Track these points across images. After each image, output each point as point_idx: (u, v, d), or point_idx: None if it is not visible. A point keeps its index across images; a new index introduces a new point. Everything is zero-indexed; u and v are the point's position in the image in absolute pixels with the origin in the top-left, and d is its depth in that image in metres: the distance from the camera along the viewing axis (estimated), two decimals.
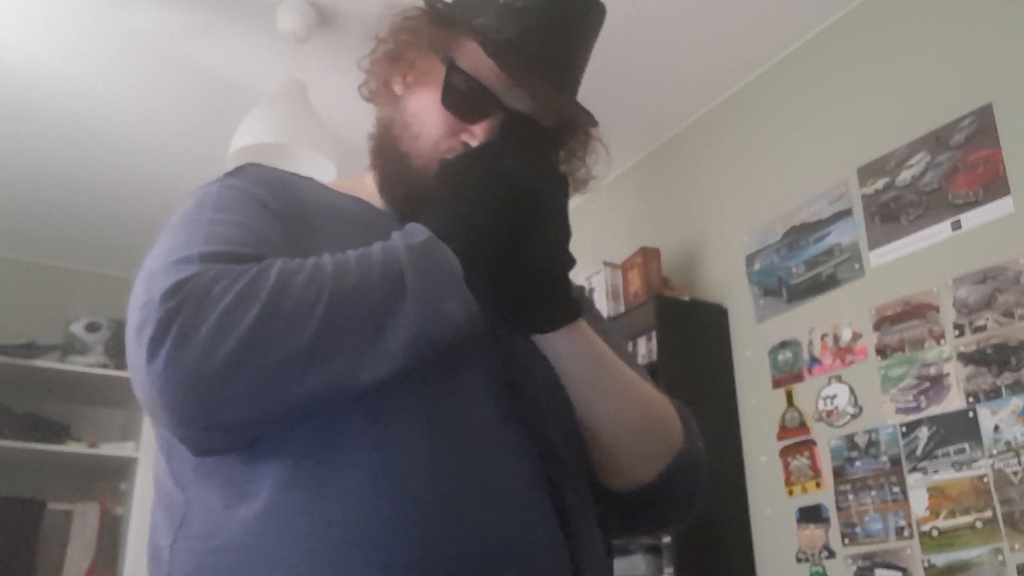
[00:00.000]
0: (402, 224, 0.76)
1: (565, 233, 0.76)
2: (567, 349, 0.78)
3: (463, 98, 0.83)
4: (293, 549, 0.65)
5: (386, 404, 0.70)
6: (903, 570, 2.13)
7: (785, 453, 2.51)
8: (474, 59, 0.83)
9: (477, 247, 0.72)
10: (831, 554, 2.32)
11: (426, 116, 0.85)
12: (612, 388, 0.81)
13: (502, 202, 0.72)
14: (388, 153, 0.88)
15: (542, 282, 0.75)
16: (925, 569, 2.07)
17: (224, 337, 0.64)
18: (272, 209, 0.80)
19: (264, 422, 0.68)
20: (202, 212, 0.78)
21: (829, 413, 2.41)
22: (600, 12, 0.93)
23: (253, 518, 0.67)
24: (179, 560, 0.70)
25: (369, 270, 0.70)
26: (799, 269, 2.59)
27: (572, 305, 0.77)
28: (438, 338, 0.70)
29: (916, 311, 2.22)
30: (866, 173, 2.44)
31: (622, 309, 2.94)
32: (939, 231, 2.21)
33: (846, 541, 2.29)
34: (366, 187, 0.92)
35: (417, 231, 0.73)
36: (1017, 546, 1.91)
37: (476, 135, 0.82)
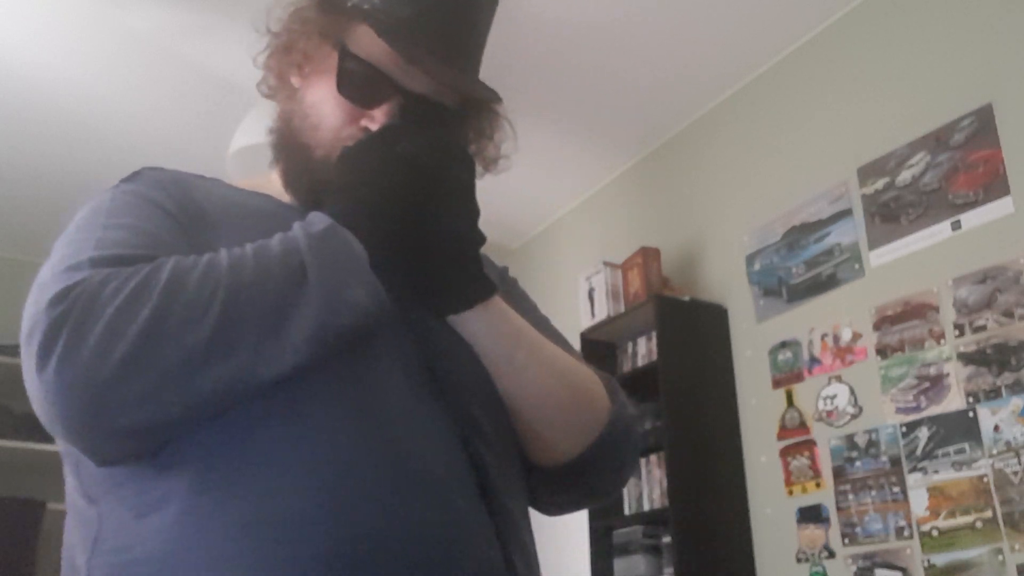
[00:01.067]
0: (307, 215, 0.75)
1: (471, 210, 0.75)
2: (482, 327, 0.77)
3: (359, 83, 0.81)
4: (209, 554, 0.63)
5: (297, 396, 0.68)
6: (903, 570, 2.13)
7: (785, 453, 2.51)
8: (367, 43, 0.81)
9: (380, 230, 0.71)
10: (831, 554, 2.32)
11: (324, 105, 0.83)
12: (531, 364, 0.80)
13: (402, 183, 0.72)
14: (289, 146, 0.86)
15: (450, 261, 0.74)
16: (925, 569, 2.07)
17: (116, 339, 0.62)
18: (168, 211, 0.78)
19: (165, 424, 0.65)
20: (95, 219, 0.76)
21: (829, 413, 2.41)
22: None
23: (167, 527, 0.65)
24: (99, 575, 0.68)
25: (268, 262, 0.68)
26: (799, 269, 2.59)
27: (483, 283, 0.77)
28: (344, 326, 0.68)
29: (916, 311, 2.22)
30: (866, 173, 2.44)
31: (622, 309, 2.94)
32: (939, 231, 2.21)
33: (846, 541, 2.29)
34: (271, 184, 0.90)
35: (318, 219, 0.72)
36: (1017, 546, 1.91)
37: (376, 119, 0.80)
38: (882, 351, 2.29)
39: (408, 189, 0.72)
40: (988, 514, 1.97)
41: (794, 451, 2.48)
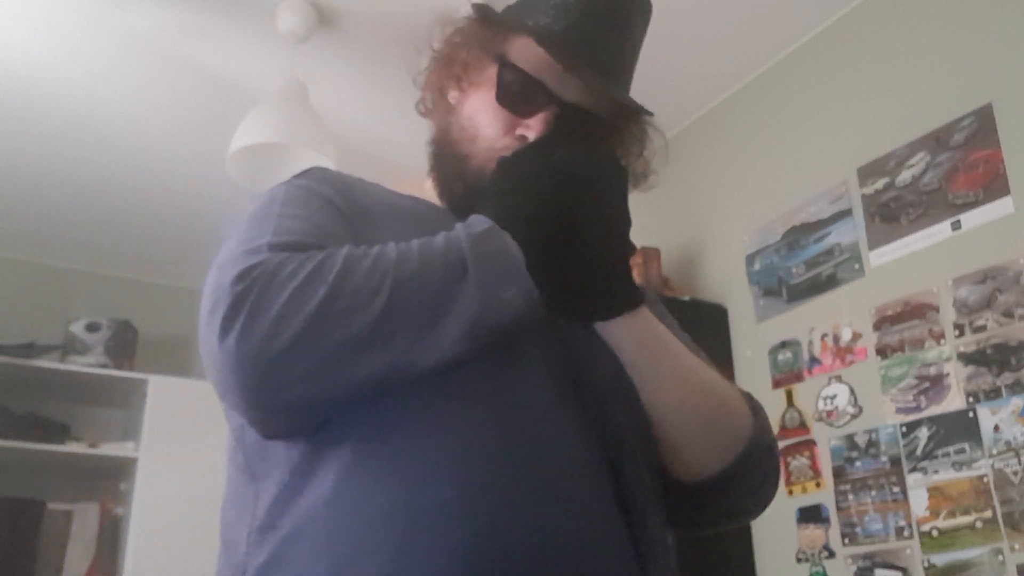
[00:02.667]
0: (461, 220, 0.77)
1: (623, 221, 0.76)
2: (628, 336, 0.78)
3: (517, 93, 0.85)
4: (357, 535, 0.67)
5: (449, 390, 0.71)
6: (903, 570, 2.13)
7: (785, 453, 2.51)
8: (525, 54, 0.84)
9: (535, 236, 0.73)
10: (831, 554, 2.32)
11: (481, 116, 0.86)
12: (674, 375, 0.80)
13: (557, 192, 0.73)
14: (446, 157, 0.89)
15: (600, 270, 0.75)
16: (925, 569, 2.07)
17: (292, 317, 0.67)
18: (336, 205, 0.82)
19: (326, 401, 0.70)
20: (270, 208, 0.81)
21: (829, 413, 2.41)
22: (646, 7, 0.94)
23: (320, 505, 0.69)
24: (254, 551, 0.72)
25: (431, 257, 0.72)
26: (799, 269, 2.59)
27: (631, 292, 0.78)
28: (498, 324, 0.71)
29: (916, 311, 2.23)
30: (866, 173, 2.44)
31: None
32: (939, 231, 2.21)
33: (846, 541, 2.29)
34: (425, 191, 0.93)
35: (478, 221, 0.75)
36: (1017, 546, 1.91)
37: (532, 128, 0.83)
38: (882, 351, 2.29)
39: (562, 198, 0.74)
40: (988, 514, 1.97)
41: (794, 451, 2.48)
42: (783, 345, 2.59)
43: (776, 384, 2.58)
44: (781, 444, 2.52)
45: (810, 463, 2.43)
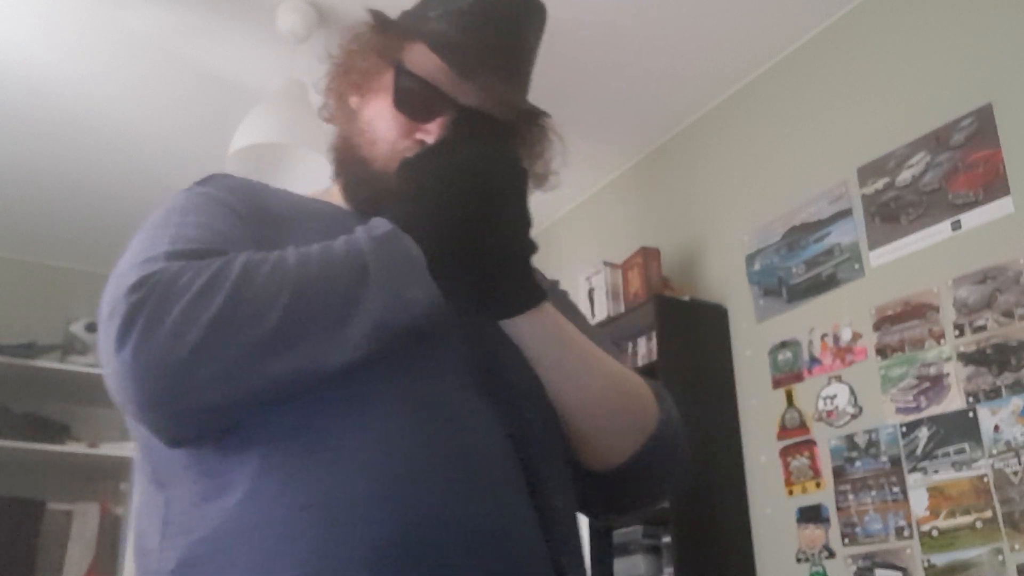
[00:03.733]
0: (367, 221, 0.77)
1: (525, 219, 0.77)
2: (532, 332, 0.79)
3: (414, 98, 0.86)
4: (272, 533, 0.67)
5: (358, 387, 0.72)
6: (903, 570, 2.13)
7: (785, 453, 2.51)
8: (422, 60, 0.85)
9: (438, 237, 0.74)
10: (831, 554, 2.32)
11: (380, 121, 0.87)
12: (580, 369, 0.82)
13: (460, 192, 0.74)
14: (349, 161, 0.90)
15: (503, 268, 0.76)
16: (925, 569, 2.07)
17: (191, 324, 0.66)
18: (237, 212, 0.82)
19: (232, 406, 0.70)
20: (169, 217, 0.80)
21: (829, 413, 2.41)
22: (541, 11, 0.94)
23: (232, 507, 0.69)
24: (166, 557, 0.71)
25: (332, 261, 0.72)
26: (799, 269, 2.59)
27: (532, 290, 0.79)
28: (401, 324, 0.72)
29: (916, 311, 2.22)
30: (866, 173, 2.44)
31: (622, 309, 2.94)
32: (939, 231, 2.21)
33: (846, 541, 2.29)
34: (333, 195, 0.94)
35: (380, 224, 0.75)
36: (1017, 546, 1.91)
37: (430, 132, 0.84)
38: (882, 351, 2.29)
39: (465, 198, 0.74)
40: (988, 514, 1.97)
41: (794, 451, 2.48)
42: (783, 345, 2.59)
43: (776, 384, 2.58)
44: (781, 444, 2.52)
45: (810, 463, 2.43)
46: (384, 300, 0.71)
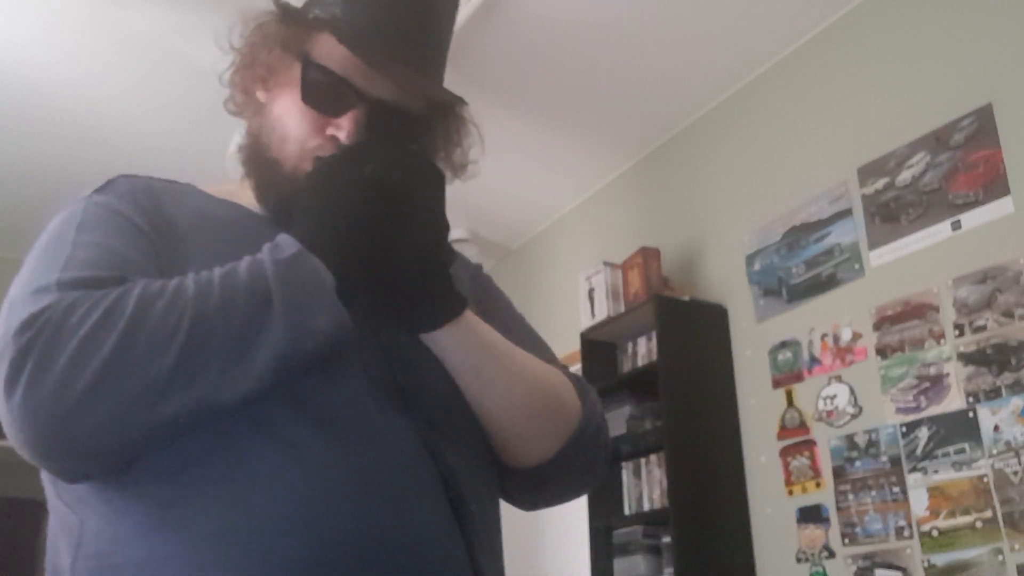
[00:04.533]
0: (278, 227, 0.75)
1: (439, 229, 0.75)
2: (450, 344, 0.78)
3: (323, 92, 0.82)
4: (184, 561, 0.65)
5: (263, 411, 0.70)
6: (903, 570, 2.13)
7: (785, 453, 2.51)
8: (330, 52, 0.81)
9: (346, 254, 0.71)
10: (831, 554, 2.32)
11: (289, 117, 0.83)
12: (499, 377, 0.80)
13: (367, 206, 0.71)
14: (258, 161, 0.86)
15: (417, 282, 0.74)
16: (925, 569, 2.07)
17: (81, 369, 0.63)
18: (137, 224, 0.79)
19: (128, 448, 0.67)
20: (65, 234, 0.77)
21: (829, 413, 2.41)
22: None
23: (144, 534, 0.67)
24: None
25: (233, 289, 0.69)
26: (799, 269, 2.59)
27: (451, 302, 0.77)
28: (307, 353, 0.70)
29: (916, 311, 2.22)
30: (866, 173, 2.44)
31: (622, 309, 2.94)
32: (939, 231, 2.21)
33: (846, 541, 2.29)
34: (244, 191, 0.90)
35: (286, 244, 0.72)
36: (1017, 546, 1.91)
37: (342, 127, 0.80)
38: (882, 351, 2.29)
39: (373, 212, 0.71)
40: (988, 514, 1.97)
41: (794, 451, 2.48)
42: (783, 345, 2.59)
43: (776, 384, 2.58)
44: (781, 444, 2.52)
45: (810, 463, 2.43)
46: (287, 331, 0.68)
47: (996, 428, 1.99)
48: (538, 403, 0.82)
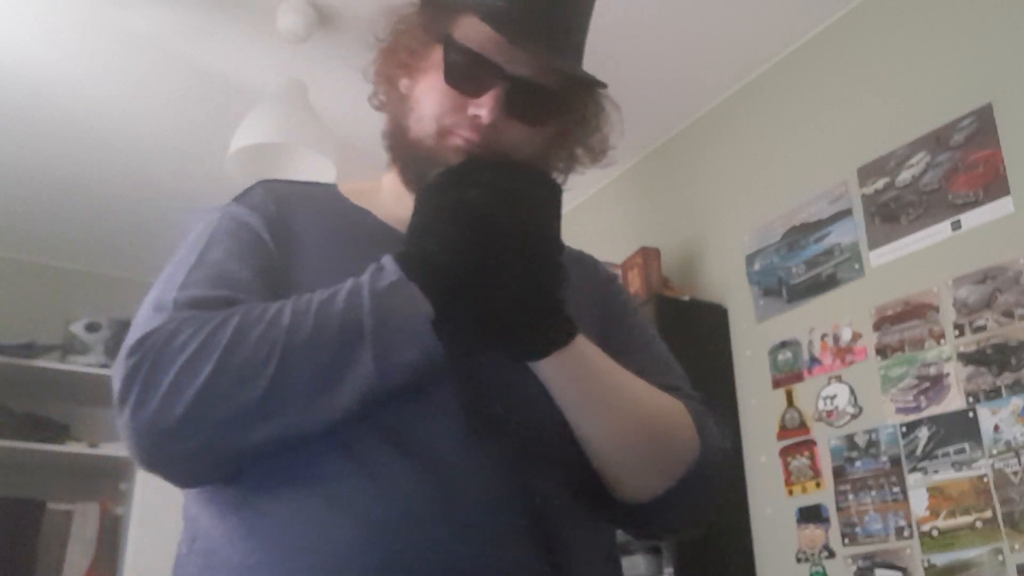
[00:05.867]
0: (400, 240, 0.75)
1: (549, 254, 0.73)
2: (556, 373, 0.76)
3: (464, 72, 0.82)
4: (269, 571, 0.69)
5: (352, 430, 0.72)
6: (903, 570, 2.13)
7: (785, 453, 2.51)
8: (471, 32, 0.82)
9: (445, 285, 0.71)
10: (831, 554, 2.32)
11: (428, 97, 0.84)
12: (605, 410, 0.78)
13: (467, 238, 0.70)
14: (400, 145, 0.88)
15: (522, 312, 0.72)
16: (925, 569, 2.07)
17: (178, 395, 0.69)
18: (263, 238, 0.83)
19: (221, 468, 0.73)
20: (194, 247, 0.83)
21: (829, 413, 2.41)
22: None
23: (240, 539, 0.72)
24: (190, 572, 0.76)
25: (328, 319, 0.71)
26: (799, 269, 2.59)
27: (559, 330, 0.75)
28: (395, 388, 0.71)
29: (916, 311, 2.22)
30: (866, 173, 2.44)
31: None
32: (939, 231, 2.21)
33: (846, 541, 2.29)
34: (382, 191, 0.92)
35: (388, 270, 0.73)
36: (1017, 546, 1.91)
37: (483, 105, 0.80)
38: (882, 351, 2.29)
39: (474, 243, 0.70)
40: (988, 514, 1.97)
41: (794, 451, 2.48)
42: (783, 345, 2.59)
43: (776, 384, 2.58)
44: (781, 444, 2.52)
45: (810, 463, 2.43)
46: (377, 367, 0.70)
47: (996, 428, 1.99)
48: (646, 440, 0.80)
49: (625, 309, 0.97)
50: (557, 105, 0.85)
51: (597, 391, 0.78)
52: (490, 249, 0.70)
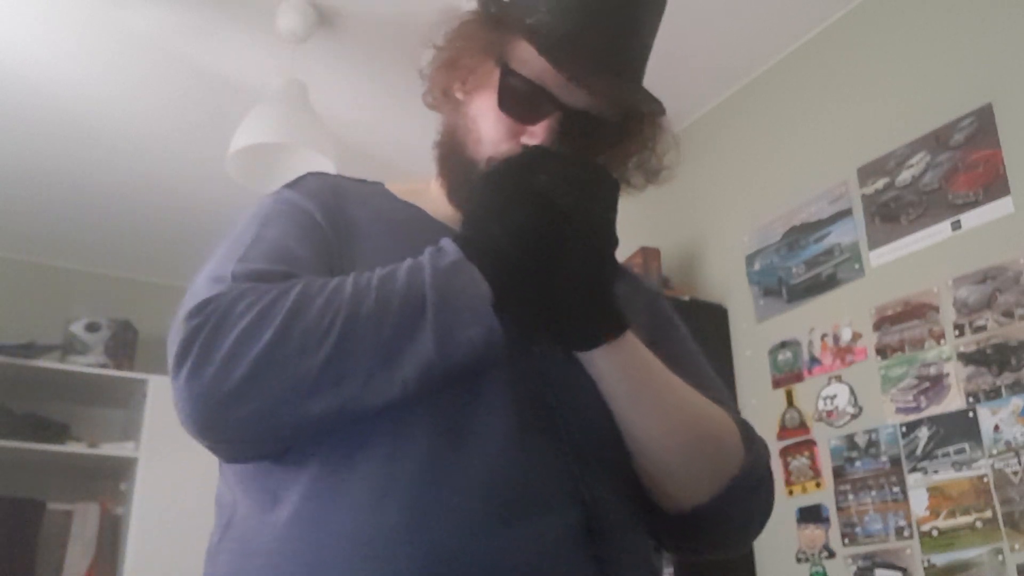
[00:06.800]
0: (454, 232, 0.75)
1: (607, 244, 0.73)
2: (607, 366, 0.75)
3: (519, 99, 0.82)
4: (311, 558, 0.68)
5: (404, 419, 0.71)
6: (903, 570, 2.13)
7: (785, 453, 2.51)
8: (529, 59, 0.81)
9: (507, 268, 0.71)
10: (831, 554, 2.32)
11: (485, 120, 0.84)
12: (656, 408, 0.77)
13: (532, 222, 0.70)
14: (454, 160, 0.87)
15: (578, 300, 0.72)
16: (925, 569, 2.07)
17: (239, 360, 0.67)
18: (319, 221, 0.82)
19: (277, 440, 0.71)
20: (249, 227, 0.82)
21: (829, 413, 2.41)
22: None
23: (281, 525, 0.70)
24: (222, 560, 0.74)
25: (390, 294, 0.70)
26: (799, 269, 2.59)
27: (611, 322, 0.74)
28: (454, 366, 0.70)
29: (916, 311, 2.22)
30: (866, 173, 2.44)
31: None
32: (939, 231, 2.21)
33: (846, 541, 2.29)
34: (430, 193, 0.91)
35: (448, 250, 0.73)
36: (1017, 546, 1.91)
37: (535, 135, 0.80)
38: (882, 351, 2.29)
39: (538, 227, 0.70)
40: (988, 514, 1.97)
41: (794, 451, 2.48)
42: (783, 345, 2.59)
43: (776, 384, 2.58)
44: (781, 444, 2.52)
45: (810, 463, 2.43)
46: (438, 341, 0.69)
47: (996, 428, 1.99)
48: (694, 441, 0.79)
49: (671, 322, 0.96)
50: (614, 134, 0.85)
51: (648, 387, 0.77)
52: (552, 236, 0.70)
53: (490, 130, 0.83)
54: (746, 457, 0.82)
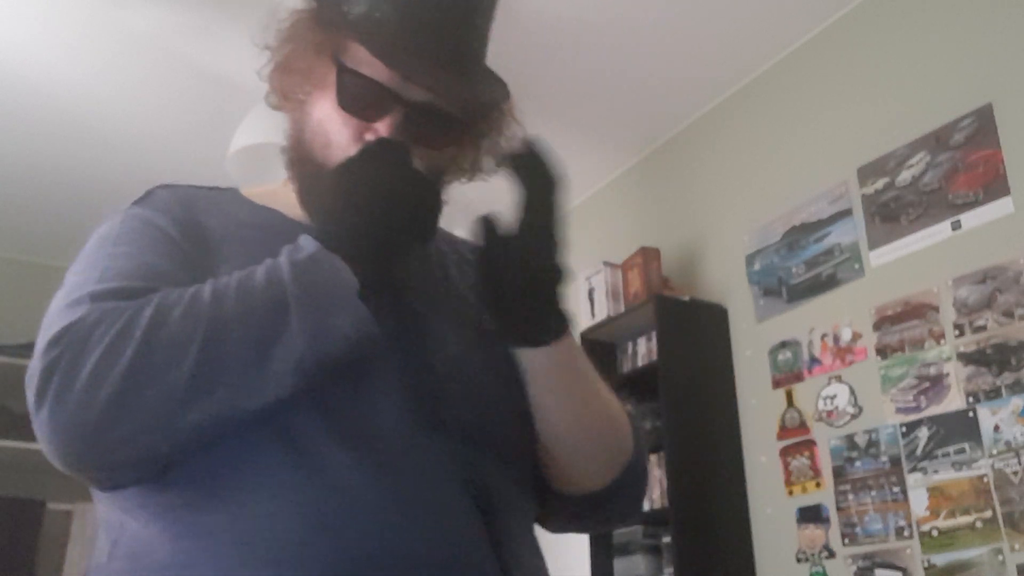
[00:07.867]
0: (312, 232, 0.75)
1: (551, 253, 0.75)
2: (547, 361, 0.78)
3: (359, 98, 0.80)
4: (204, 568, 0.66)
5: (292, 421, 0.69)
6: (903, 570, 2.13)
7: (785, 453, 2.51)
8: (364, 56, 0.80)
9: (367, 255, 0.72)
10: (831, 554, 2.32)
11: (330, 122, 0.82)
12: (579, 399, 0.80)
13: (385, 203, 0.72)
14: (304, 165, 0.85)
15: (530, 298, 0.75)
16: (925, 569, 2.07)
17: (101, 381, 0.65)
18: (172, 236, 0.80)
19: (155, 459, 0.68)
20: (103, 247, 0.79)
21: (829, 413, 2.41)
22: None
23: (171, 539, 0.68)
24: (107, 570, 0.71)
25: (250, 293, 0.69)
26: (799, 269, 2.59)
27: (561, 320, 0.77)
28: (327, 356, 0.69)
29: (916, 311, 2.22)
30: (866, 173, 2.44)
31: (622, 309, 2.94)
32: (939, 231, 2.21)
33: (846, 541, 2.29)
34: (285, 194, 0.89)
35: (306, 244, 0.72)
36: (1017, 546, 1.91)
37: (380, 133, 0.79)
38: (882, 351, 2.29)
39: (391, 208, 0.72)
40: (988, 514, 1.97)
41: (794, 451, 2.48)
42: (783, 345, 2.59)
43: (776, 384, 2.58)
44: (781, 444, 2.52)
45: (810, 463, 2.43)
46: (305, 333, 0.67)
47: (996, 428, 1.99)
48: (603, 431, 0.83)
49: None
50: (458, 127, 0.84)
51: (581, 382, 0.80)
52: (403, 219, 0.73)
53: (336, 133, 0.82)
54: (634, 444, 0.86)
